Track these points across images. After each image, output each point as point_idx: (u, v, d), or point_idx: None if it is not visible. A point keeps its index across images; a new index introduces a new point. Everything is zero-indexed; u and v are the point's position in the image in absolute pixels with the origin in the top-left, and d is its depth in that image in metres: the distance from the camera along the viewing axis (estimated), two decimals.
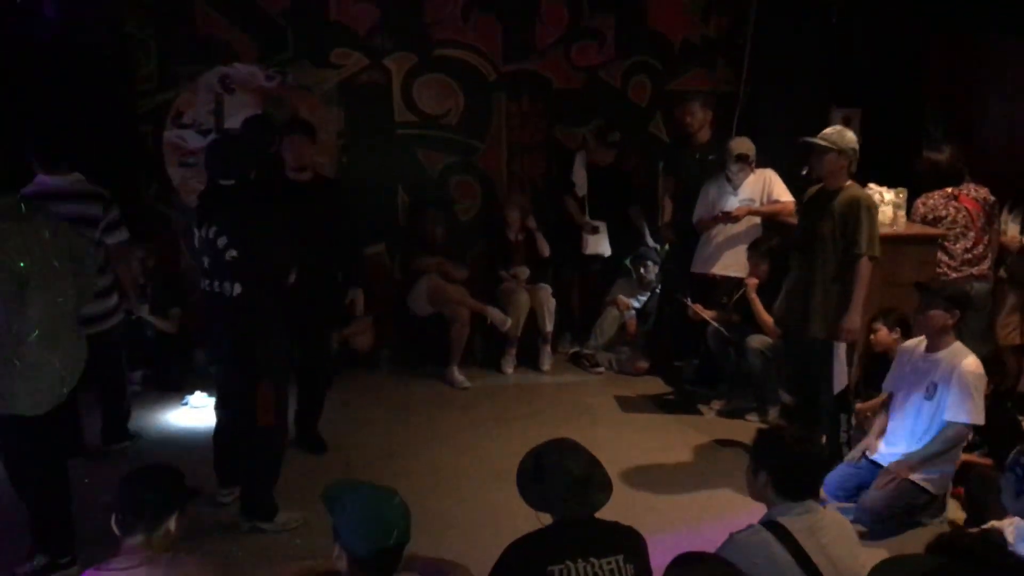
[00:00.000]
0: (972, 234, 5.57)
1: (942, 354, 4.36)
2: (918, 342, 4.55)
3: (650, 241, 7.00)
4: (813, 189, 4.91)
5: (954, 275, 5.45)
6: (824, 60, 6.71)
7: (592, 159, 6.85)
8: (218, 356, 4.36)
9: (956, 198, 5.61)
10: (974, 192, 5.65)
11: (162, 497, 2.70)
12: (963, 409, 4.23)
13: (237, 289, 4.06)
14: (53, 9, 5.85)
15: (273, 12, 6.57)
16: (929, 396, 4.34)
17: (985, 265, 5.64)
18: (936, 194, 5.63)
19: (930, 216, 5.59)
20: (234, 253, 4.04)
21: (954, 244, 5.54)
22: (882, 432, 4.60)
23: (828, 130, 4.77)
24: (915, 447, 4.36)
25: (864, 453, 4.58)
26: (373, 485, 2.52)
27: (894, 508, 4.30)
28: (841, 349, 4.78)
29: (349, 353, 6.53)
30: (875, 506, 4.29)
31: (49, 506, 3.81)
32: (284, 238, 4.21)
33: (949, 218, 5.57)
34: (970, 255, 5.57)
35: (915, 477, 4.30)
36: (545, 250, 6.84)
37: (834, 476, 4.51)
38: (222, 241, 4.05)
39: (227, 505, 4.44)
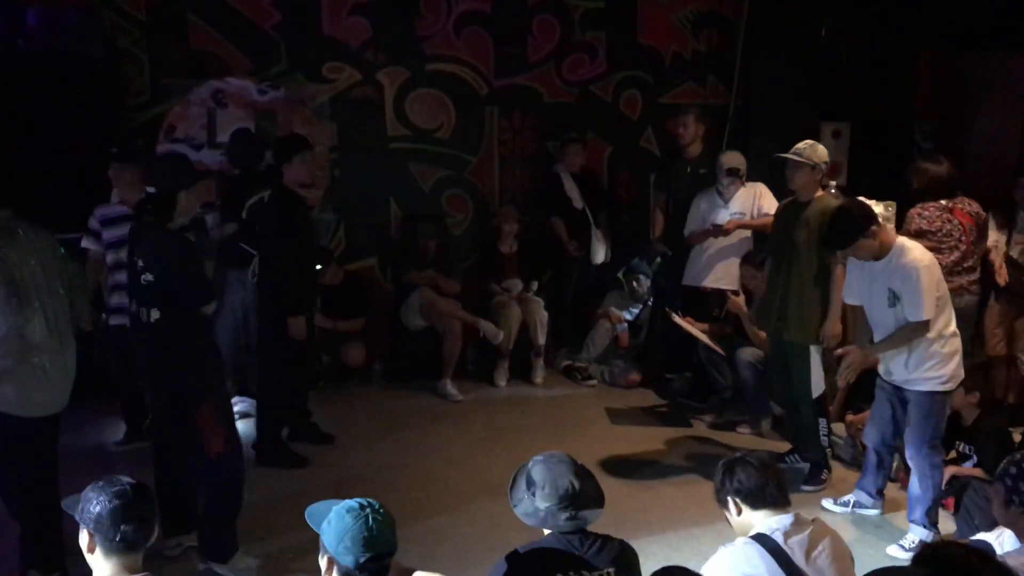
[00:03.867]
0: (963, 247, 5.57)
1: (886, 259, 4.26)
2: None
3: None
4: (785, 201, 5.11)
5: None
6: (814, 74, 6.76)
7: (568, 168, 6.86)
8: (148, 386, 4.05)
9: (951, 211, 5.57)
10: (967, 206, 5.61)
11: (154, 512, 2.52)
12: (917, 307, 4.15)
13: (155, 315, 3.82)
14: (35, 20, 5.80)
15: (266, 26, 6.60)
16: (892, 303, 4.26)
17: (973, 277, 5.65)
18: (931, 206, 5.51)
19: (925, 228, 5.56)
20: (149, 277, 3.80)
21: (947, 256, 5.52)
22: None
23: (800, 145, 4.88)
24: (902, 355, 4.31)
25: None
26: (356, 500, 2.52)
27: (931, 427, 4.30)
28: (816, 354, 4.92)
29: (342, 367, 6.55)
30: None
31: (40, 518, 3.79)
32: (199, 268, 3.99)
33: (943, 231, 5.52)
34: (960, 268, 5.58)
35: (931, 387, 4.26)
36: (533, 288, 6.89)
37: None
38: (138, 262, 3.85)
39: (175, 558, 4.12)
